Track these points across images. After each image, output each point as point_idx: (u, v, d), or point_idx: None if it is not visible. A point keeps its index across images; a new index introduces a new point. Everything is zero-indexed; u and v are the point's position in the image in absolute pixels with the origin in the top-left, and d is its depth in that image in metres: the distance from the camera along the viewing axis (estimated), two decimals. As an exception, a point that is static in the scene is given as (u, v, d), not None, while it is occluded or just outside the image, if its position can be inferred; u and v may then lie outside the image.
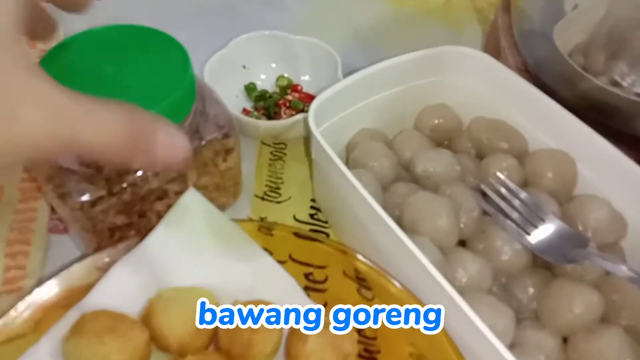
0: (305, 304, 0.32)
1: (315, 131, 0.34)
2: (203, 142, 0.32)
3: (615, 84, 0.41)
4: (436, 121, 0.42)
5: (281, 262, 0.36)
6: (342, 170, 0.32)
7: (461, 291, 0.31)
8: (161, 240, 0.31)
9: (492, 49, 0.51)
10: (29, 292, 0.34)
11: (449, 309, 0.28)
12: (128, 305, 0.30)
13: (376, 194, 0.35)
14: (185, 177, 0.33)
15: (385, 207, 0.35)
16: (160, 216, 0.32)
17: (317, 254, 0.36)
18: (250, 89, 0.46)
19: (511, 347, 0.30)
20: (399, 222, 0.34)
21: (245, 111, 0.45)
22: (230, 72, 0.45)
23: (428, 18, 0.58)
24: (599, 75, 0.41)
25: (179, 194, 0.32)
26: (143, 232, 0.32)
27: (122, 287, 0.30)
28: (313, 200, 0.41)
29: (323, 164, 0.36)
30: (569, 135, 0.37)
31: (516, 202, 0.34)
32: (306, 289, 0.35)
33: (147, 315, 0.29)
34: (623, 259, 0.35)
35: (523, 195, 0.35)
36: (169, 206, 0.32)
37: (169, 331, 0.29)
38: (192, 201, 0.32)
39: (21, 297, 0.33)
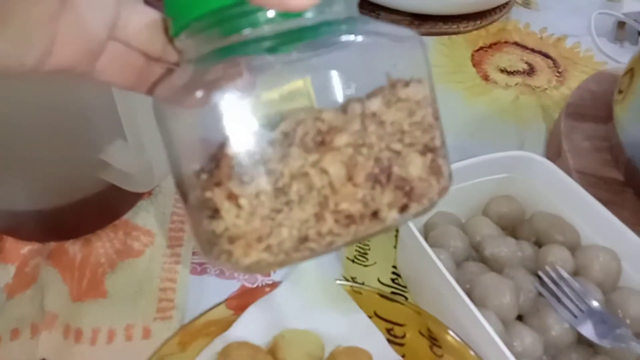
0: (388, 353, 0.41)
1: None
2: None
3: None
4: (503, 210, 0.50)
5: (368, 317, 0.45)
6: (427, 251, 0.41)
7: (517, 358, 0.39)
8: (285, 292, 0.41)
9: (554, 148, 0.60)
10: (178, 320, 0.44)
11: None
12: (259, 339, 0.39)
13: (451, 270, 0.44)
14: None
15: (458, 282, 0.44)
16: None
17: (397, 313, 0.45)
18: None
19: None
20: (469, 295, 0.42)
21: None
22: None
23: (498, 115, 0.67)
24: None
25: None
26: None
27: (255, 324, 0.40)
28: (394, 266, 0.50)
29: (408, 241, 0.45)
30: (615, 236, 0.45)
31: (567, 289, 0.42)
32: (388, 341, 0.44)
33: (274, 349, 0.39)
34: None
35: (574, 283, 0.42)
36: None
37: (290, 363, 0.38)
38: (306, 265, 0.42)
39: (171, 324, 0.44)
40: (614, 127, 0.55)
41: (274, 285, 0.42)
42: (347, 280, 0.48)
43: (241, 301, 0.43)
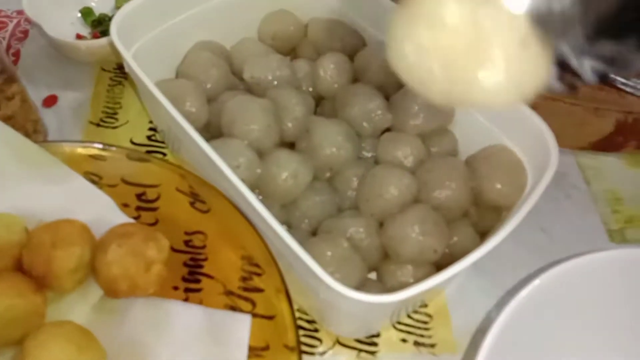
0: (120, 219, 0.31)
1: (119, 44, 0.32)
2: None
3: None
4: (277, 28, 0.40)
5: (112, 186, 0.35)
6: (151, 90, 0.31)
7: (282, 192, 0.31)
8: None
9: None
10: None
11: (244, 204, 0.28)
12: None
13: (199, 104, 0.34)
14: None
15: (210, 117, 0.35)
16: None
17: (149, 175, 0.35)
18: (85, 13, 0.43)
19: (317, 233, 0.30)
20: (219, 126, 0.33)
21: (78, 36, 0.42)
22: (60, -2, 0.42)
23: None
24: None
25: None
26: None
27: None
28: (151, 121, 0.40)
29: (140, 85, 0.34)
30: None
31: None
32: (138, 209, 0.35)
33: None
34: (456, 142, 0.35)
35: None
36: None
37: (-34, 257, 0.28)
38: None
39: None
40: None
41: None
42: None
43: None
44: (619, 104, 0.37)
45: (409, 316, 0.32)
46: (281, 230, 0.26)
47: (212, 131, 0.35)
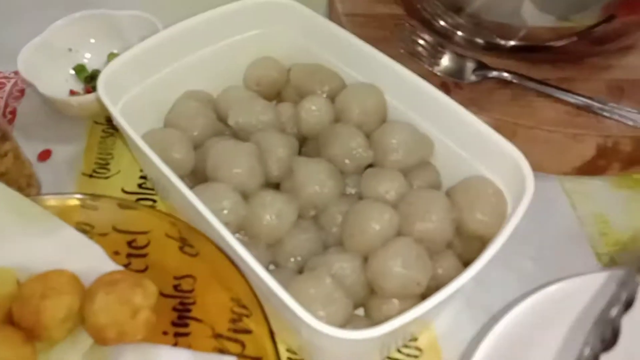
0: (110, 267, 0.32)
1: (105, 99, 0.33)
2: None
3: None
4: (261, 75, 0.42)
5: (104, 235, 0.36)
6: (134, 139, 0.32)
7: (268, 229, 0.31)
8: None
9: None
10: None
11: (225, 246, 0.29)
12: None
13: (184, 152, 0.35)
14: None
15: (197, 164, 0.36)
16: None
17: (140, 222, 0.36)
18: (79, 70, 0.45)
19: (303, 271, 0.30)
20: (204, 171, 0.34)
21: (72, 92, 0.44)
22: (54, 57, 0.44)
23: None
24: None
25: None
26: None
27: None
28: (142, 170, 0.41)
29: (124, 133, 0.35)
30: (376, 69, 0.38)
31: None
32: (129, 256, 0.35)
33: None
34: (438, 175, 0.36)
35: None
36: None
37: (-43, 312, 0.28)
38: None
39: None
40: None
41: None
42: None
43: None
44: (597, 128, 0.38)
45: (399, 351, 0.32)
46: (260, 270, 0.26)
47: (199, 177, 0.36)
